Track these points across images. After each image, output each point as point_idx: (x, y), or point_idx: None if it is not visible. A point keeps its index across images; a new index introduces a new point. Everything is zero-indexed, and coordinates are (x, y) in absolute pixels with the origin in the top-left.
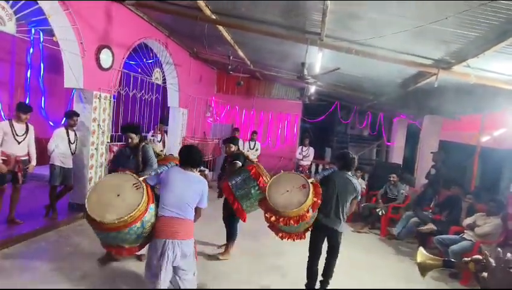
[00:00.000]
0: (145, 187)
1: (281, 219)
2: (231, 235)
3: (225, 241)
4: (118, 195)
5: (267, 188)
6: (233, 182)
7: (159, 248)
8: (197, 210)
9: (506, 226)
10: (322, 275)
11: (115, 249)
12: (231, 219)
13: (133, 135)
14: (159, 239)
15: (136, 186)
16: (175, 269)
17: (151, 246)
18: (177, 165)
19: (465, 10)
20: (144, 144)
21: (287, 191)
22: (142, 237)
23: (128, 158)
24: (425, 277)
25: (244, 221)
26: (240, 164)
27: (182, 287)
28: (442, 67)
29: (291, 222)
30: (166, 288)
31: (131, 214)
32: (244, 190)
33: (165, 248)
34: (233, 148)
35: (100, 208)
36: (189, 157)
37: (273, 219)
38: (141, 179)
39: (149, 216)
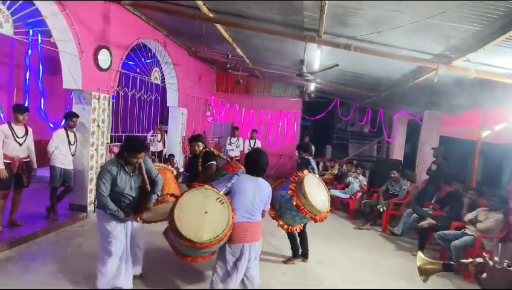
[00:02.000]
0: (227, 201)
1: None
2: None
3: None
4: (206, 212)
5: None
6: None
7: (237, 253)
8: (262, 212)
9: (508, 221)
10: None
11: (191, 258)
12: None
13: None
14: (236, 244)
15: (220, 201)
16: (245, 270)
17: (226, 250)
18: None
19: (464, 4)
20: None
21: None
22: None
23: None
24: (426, 281)
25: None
26: (215, 164)
27: (249, 287)
28: (441, 62)
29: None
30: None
31: (224, 231)
32: None
33: (242, 252)
34: (201, 147)
35: (194, 228)
36: (258, 165)
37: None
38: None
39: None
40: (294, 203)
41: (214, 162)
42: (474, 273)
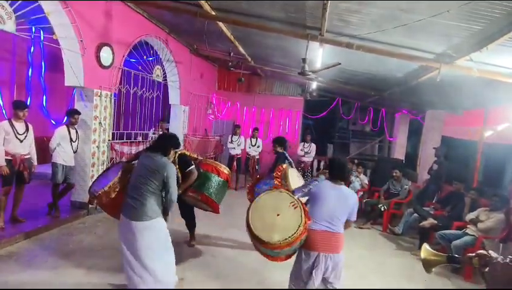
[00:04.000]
0: (301, 205)
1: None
2: (194, 225)
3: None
4: (278, 215)
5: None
6: (211, 190)
7: (311, 260)
8: (348, 223)
9: (509, 221)
10: None
11: (271, 257)
12: (191, 211)
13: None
14: (311, 252)
15: (293, 205)
16: (323, 279)
17: (302, 256)
18: (327, 179)
19: (467, 3)
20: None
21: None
22: (297, 250)
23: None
24: (430, 272)
25: (218, 213)
26: (194, 168)
27: None
28: (444, 61)
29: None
30: None
31: (294, 235)
32: (213, 188)
33: (317, 261)
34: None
35: (266, 229)
36: (340, 171)
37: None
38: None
39: (306, 233)
40: None
41: (194, 166)
42: (478, 267)
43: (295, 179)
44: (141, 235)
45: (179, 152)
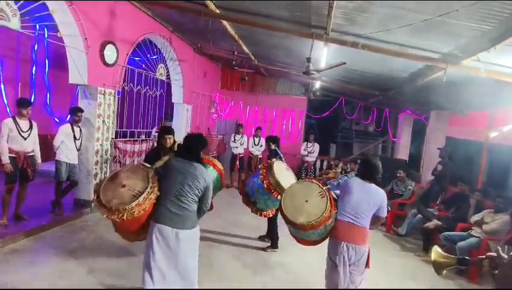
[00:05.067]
0: (328, 196)
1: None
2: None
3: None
4: (306, 201)
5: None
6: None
7: (336, 248)
8: (378, 218)
9: None
10: None
11: (299, 241)
12: None
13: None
14: (335, 241)
15: (321, 194)
16: (348, 268)
17: (330, 244)
18: (357, 175)
19: (475, 3)
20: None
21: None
22: (323, 236)
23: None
24: (440, 275)
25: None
26: None
27: (350, 287)
28: (451, 61)
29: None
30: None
31: (317, 220)
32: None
33: (340, 249)
34: (172, 139)
35: (293, 211)
36: (370, 171)
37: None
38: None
39: (331, 221)
40: (265, 186)
41: None
42: (488, 269)
43: (283, 171)
44: (184, 243)
45: (178, 142)
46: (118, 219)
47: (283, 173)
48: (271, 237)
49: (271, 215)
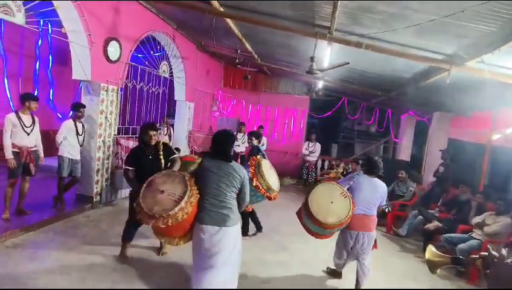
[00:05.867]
0: (349, 196)
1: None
2: None
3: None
4: (332, 202)
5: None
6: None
7: (352, 238)
8: (380, 207)
9: None
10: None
11: (317, 235)
12: None
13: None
14: (353, 231)
15: (343, 195)
16: (358, 254)
17: (347, 235)
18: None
19: (481, 4)
20: (162, 141)
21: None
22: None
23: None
24: (434, 273)
25: None
26: (178, 156)
27: (359, 269)
28: (455, 63)
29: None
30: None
31: (345, 218)
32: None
33: (357, 238)
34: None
35: (321, 212)
36: (375, 167)
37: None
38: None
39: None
40: (254, 183)
41: (177, 155)
42: (480, 268)
43: (268, 169)
44: (228, 241)
45: (162, 141)
46: (163, 225)
47: (269, 172)
48: (244, 228)
49: (250, 210)
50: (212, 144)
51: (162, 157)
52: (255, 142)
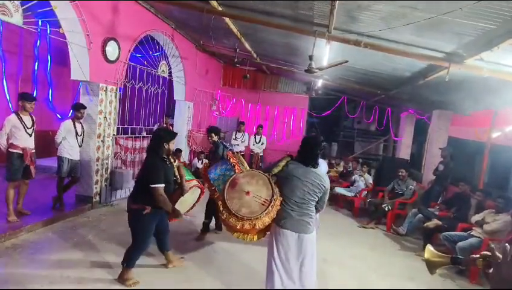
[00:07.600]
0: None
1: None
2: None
3: None
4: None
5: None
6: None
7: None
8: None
9: None
10: None
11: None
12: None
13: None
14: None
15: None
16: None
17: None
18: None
19: (479, 2)
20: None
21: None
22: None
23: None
24: (434, 274)
25: None
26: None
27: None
28: (454, 60)
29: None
30: None
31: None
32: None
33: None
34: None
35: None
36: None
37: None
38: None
39: None
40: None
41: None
42: (482, 268)
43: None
44: (306, 247)
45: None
46: (250, 227)
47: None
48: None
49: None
50: (301, 149)
51: (174, 164)
52: (214, 138)
